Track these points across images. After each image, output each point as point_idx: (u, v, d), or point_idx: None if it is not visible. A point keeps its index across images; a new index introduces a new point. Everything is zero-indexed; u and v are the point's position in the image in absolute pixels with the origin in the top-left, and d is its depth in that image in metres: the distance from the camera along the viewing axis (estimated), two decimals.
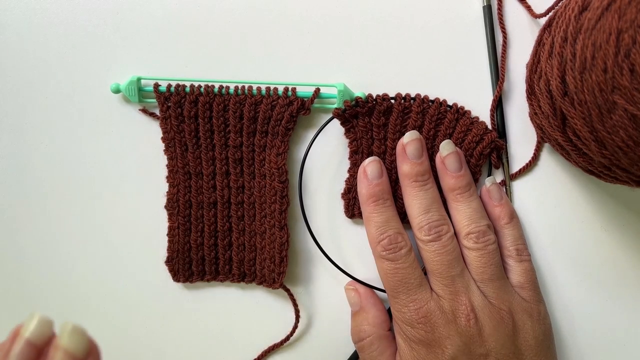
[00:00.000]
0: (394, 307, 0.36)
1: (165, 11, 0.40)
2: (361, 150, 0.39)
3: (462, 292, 0.34)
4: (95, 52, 0.41)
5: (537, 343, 0.35)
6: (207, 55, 0.40)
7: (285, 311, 0.42)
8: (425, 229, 0.36)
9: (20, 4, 0.41)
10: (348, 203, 0.40)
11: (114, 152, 0.41)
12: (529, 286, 0.37)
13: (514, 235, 0.38)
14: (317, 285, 0.41)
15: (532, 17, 0.39)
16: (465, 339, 0.33)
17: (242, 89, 0.38)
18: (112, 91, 0.40)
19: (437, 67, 0.40)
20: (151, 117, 0.40)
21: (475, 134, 0.38)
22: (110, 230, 0.42)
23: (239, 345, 0.42)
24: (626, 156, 0.30)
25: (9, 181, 0.42)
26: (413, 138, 0.37)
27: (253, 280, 0.41)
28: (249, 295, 0.42)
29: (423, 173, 0.37)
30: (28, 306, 0.43)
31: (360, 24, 0.40)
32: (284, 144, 0.39)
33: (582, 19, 0.30)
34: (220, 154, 0.39)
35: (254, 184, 0.40)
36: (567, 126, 0.33)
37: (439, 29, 0.40)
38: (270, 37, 0.40)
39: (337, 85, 0.39)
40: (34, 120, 0.41)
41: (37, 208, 0.42)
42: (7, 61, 0.41)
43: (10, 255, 0.42)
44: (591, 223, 0.40)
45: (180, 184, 0.40)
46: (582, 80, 0.29)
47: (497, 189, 0.39)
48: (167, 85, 0.39)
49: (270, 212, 0.39)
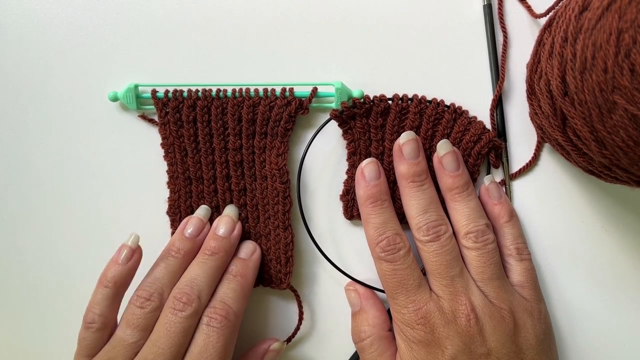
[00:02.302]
0: (393, 308, 0.36)
1: (164, 12, 0.40)
2: (359, 151, 0.39)
3: (461, 292, 0.34)
4: (95, 53, 0.41)
5: (538, 342, 0.35)
6: (205, 56, 0.40)
7: (286, 311, 0.42)
8: (423, 229, 0.36)
9: (20, 4, 0.41)
10: (347, 205, 0.40)
11: (113, 159, 0.41)
12: (530, 285, 0.37)
13: (513, 233, 0.38)
14: (317, 285, 0.41)
15: (532, 17, 0.39)
16: (466, 339, 0.33)
17: (240, 91, 0.38)
18: (110, 99, 0.40)
19: (437, 66, 0.40)
20: (150, 123, 0.40)
21: (473, 133, 0.38)
22: (112, 237, 0.42)
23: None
24: (626, 156, 0.30)
25: (9, 181, 0.42)
26: (409, 138, 0.37)
27: (260, 282, 0.41)
28: (250, 296, 0.42)
29: (420, 173, 0.37)
30: (28, 306, 0.43)
31: (360, 24, 0.40)
32: (284, 145, 0.39)
33: (583, 19, 0.30)
34: (220, 158, 0.39)
35: (256, 186, 0.40)
36: (567, 126, 0.33)
37: (438, 28, 0.40)
38: (268, 37, 0.40)
39: (334, 83, 0.39)
40: (34, 121, 0.41)
41: (37, 209, 0.42)
42: (7, 61, 0.41)
43: (10, 255, 0.42)
44: (591, 223, 0.40)
45: (181, 189, 0.40)
46: (582, 80, 0.29)
47: (496, 187, 0.39)
48: (164, 91, 0.39)
49: (273, 214, 0.39)
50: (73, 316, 0.42)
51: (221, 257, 0.36)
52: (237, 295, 0.36)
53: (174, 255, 0.36)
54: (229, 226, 0.38)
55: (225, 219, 0.38)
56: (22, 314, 0.43)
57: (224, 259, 0.37)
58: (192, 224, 0.38)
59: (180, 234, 0.38)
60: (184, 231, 0.37)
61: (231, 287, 0.36)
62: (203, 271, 0.35)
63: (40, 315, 0.43)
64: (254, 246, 0.39)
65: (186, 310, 0.34)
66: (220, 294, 0.36)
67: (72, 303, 0.42)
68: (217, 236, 0.37)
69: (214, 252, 0.36)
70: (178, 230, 0.38)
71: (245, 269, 0.37)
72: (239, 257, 0.38)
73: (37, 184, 0.42)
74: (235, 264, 0.37)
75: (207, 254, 0.36)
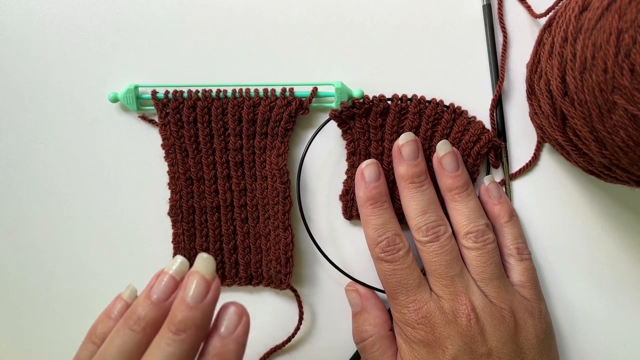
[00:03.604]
0: (394, 308, 0.36)
1: (164, 12, 0.40)
2: (359, 151, 0.39)
3: (461, 292, 0.34)
4: (95, 53, 0.41)
5: (538, 341, 0.35)
6: (205, 56, 0.40)
7: (285, 312, 0.42)
8: (423, 230, 0.36)
9: (20, 4, 0.41)
10: (346, 205, 0.40)
11: (113, 160, 0.41)
12: (530, 285, 0.37)
13: (514, 233, 0.38)
14: (317, 286, 0.41)
15: (532, 17, 0.39)
16: (466, 338, 0.33)
17: (240, 91, 0.38)
18: (110, 100, 0.40)
19: (436, 66, 0.40)
20: (150, 124, 0.40)
21: (473, 133, 0.38)
22: (113, 237, 0.42)
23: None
24: (626, 156, 0.30)
25: (9, 181, 0.42)
26: (408, 139, 0.37)
27: (260, 282, 0.41)
28: (250, 296, 0.42)
29: (419, 174, 0.37)
30: (28, 306, 0.43)
31: (360, 24, 0.40)
32: (284, 145, 0.39)
33: (582, 19, 0.30)
34: (221, 158, 0.39)
35: (256, 186, 0.40)
36: (567, 126, 0.33)
37: (438, 28, 0.40)
38: (268, 37, 0.40)
39: (334, 83, 0.39)
40: (34, 121, 0.41)
41: (37, 209, 0.42)
42: (7, 61, 0.41)
43: (10, 255, 0.42)
44: (591, 223, 0.40)
45: (183, 190, 0.40)
46: (582, 80, 0.29)
47: (496, 187, 0.39)
48: (164, 92, 0.39)
49: (273, 214, 0.39)
50: (73, 316, 0.43)
51: (190, 336, 0.27)
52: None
53: (132, 328, 0.28)
54: (200, 289, 0.27)
55: (196, 278, 0.27)
56: (22, 314, 0.43)
57: (195, 338, 0.27)
58: (161, 284, 0.28)
59: (145, 295, 0.28)
60: (150, 293, 0.28)
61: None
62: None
63: (40, 315, 0.43)
64: (238, 315, 0.29)
65: None
66: None
67: (72, 303, 0.43)
68: (185, 304, 0.27)
69: (179, 330, 0.26)
70: (145, 289, 0.29)
71: (224, 353, 0.27)
72: (217, 333, 0.28)
73: (37, 184, 0.42)
74: (212, 345, 0.28)
75: (173, 331, 0.26)
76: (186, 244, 0.40)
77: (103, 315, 0.31)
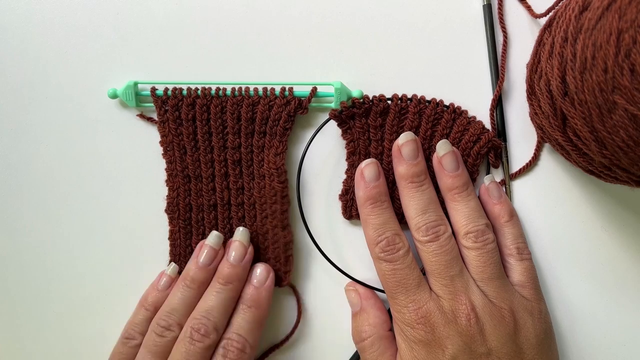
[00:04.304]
0: (394, 308, 0.36)
1: (164, 11, 0.40)
2: (358, 151, 0.39)
3: (461, 292, 0.34)
4: (95, 51, 0.41)
5: (538, 341, 0.35)
6: (205, 54, 0.40)
7: (285, 312, 0.42)
8: (422, 230, 0.36)
9: (20, 4, 0.41)
10: (346, 204, 0.40)
11: (112, 157, 0.41)
12: (530, 285, 0.37)
13: (514, 233, 0.38)
14: (317, 285, 0.41)
15: (532, 17, 0.39)
16: (466, 338, 0.33)
17: (239, 90, 0.38)
18: (109, 96, 0.40)
19: (436, 66, 0.40)
20: (149, 121, 0.40)
21: (472, 133, 0.38)
22: (111, 234, 0.42)
23: None
24: (626, 156, 0.30)
25: (9, 181, 0.42)
26: (408, 139, 0.37)
27: None
28: None
29: (419, 174, 0.37)
30: (28, 306, 0.43)
31: (360, 24, 0.40)
32: (283, 144, 0.39)
33: (583, 19, 0.30)
34: (219, 156, 0.39)
35: (254, 185, 0.40)
36: (568, 126, 0.33)
37: (438, 27, 0.40)
38: (268, 37, 0.40)
39: (334, 83, 0.39)
40: (34, 121, 0.41)
41: (37, 208, 0.42)
42: (7, 61, 0.41)
43: (10, 255, 0.42)
44: (591, 223, 0.40)
45: (180, 187, 0.40)
46: (582, 80, 0.29)
47: (496, 186, 0.39)
48: (164, 89, 0.39)
49: (271, 213, 0.39)
50: (73, 316, 0.42)
51: (234, 286, 0.37)
52: (252, 327, 0.37)
53: (189, 286, 0.37)
54: (240, 252, 0.38)
55: (236, 245, 0.38)
56: (22, 314, 0.43)
57: (237, 287, 0.37)
58: (205, 254, 0.38)
59: (194, 263, 0.38)
60: (197, 260, 0.38)
61: (246, 319, 0.37)
62: (218, 302, 0.36)
63: (40, 315, 0.43)
64: (267, 272, 0.39)
65: (204, 341, 0.35)
66: (236, 326, 0.37)
67: (72, 303, 0.43)
68: (229, 264, 0.37)
69: (227, 282, 0.37)
70: (192, 257, 0.39)
71: (259, 298, 0.38)
72: (252, 284, 0.38)
73: (37, 182, 0.42)
74: (248, 293, 0.38)
75: (221, 283, 0.37)
76: (182, 241, 0.40)
77: (151, 288, 0.39)
